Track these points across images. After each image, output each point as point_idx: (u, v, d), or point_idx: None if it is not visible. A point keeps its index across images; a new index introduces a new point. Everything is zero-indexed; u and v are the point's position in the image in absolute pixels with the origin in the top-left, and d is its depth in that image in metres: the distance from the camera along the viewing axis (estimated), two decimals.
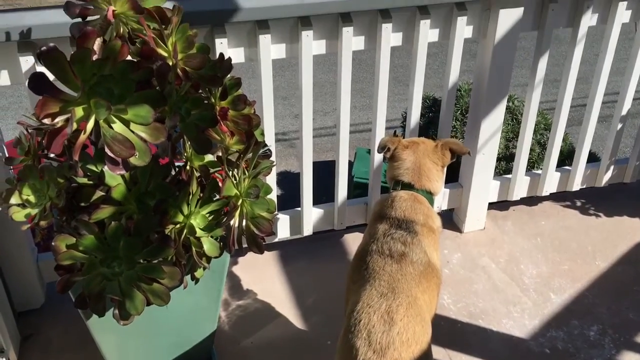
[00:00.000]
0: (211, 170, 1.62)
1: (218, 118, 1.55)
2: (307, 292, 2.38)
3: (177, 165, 1.63)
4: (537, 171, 2.78)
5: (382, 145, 1.97)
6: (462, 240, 2.66)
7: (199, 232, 1.51)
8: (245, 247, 1.63)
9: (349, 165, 2.44)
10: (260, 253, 1.63)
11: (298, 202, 2.45)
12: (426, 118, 5.58)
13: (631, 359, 2.15)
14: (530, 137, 2.60)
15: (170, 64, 1.44)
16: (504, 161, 5.26)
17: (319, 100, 7.63)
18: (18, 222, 1.48)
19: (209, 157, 1.63)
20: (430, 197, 1.90)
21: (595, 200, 2.88)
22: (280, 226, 2.48)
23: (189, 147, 1.59)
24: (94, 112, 1.23)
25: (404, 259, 1.66)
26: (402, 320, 1.50)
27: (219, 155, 1.62)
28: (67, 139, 1.25)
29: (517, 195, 2.74)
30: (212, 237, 1.55)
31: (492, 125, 2.46)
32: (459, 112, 5.40)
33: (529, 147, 2.62)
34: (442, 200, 2.64)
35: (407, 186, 1.89)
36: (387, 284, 1.60)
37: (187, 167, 1.59)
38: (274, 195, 2.24)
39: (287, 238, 2.57)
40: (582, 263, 2.55)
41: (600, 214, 2.82)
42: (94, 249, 1.37)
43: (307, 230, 2.51)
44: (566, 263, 2.55)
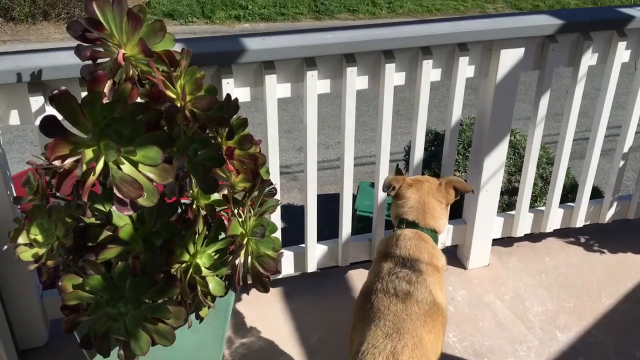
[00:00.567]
0: (217, 208, 1.63)
1: (224, 158, 1.57)
2: (311, 329, 2.36)
3: (184, 203, 1.64)
4: (541, 207, 2.79)
5: (387, 184, 1.99)
6: (466, 276, 2.65)
7: (204, 271, 1.52)
8: (250, 282, 1.64)
9: (352, 198, 2.45)
10: (266, 292, 1.64)
11: (301, 235, 2.45)
12: (429, 152, 5.61)
13: None
14: (533, 174, 2.61)
15: (179, 105, 1.46)
16: (507, 195, 5.26)
17: (321, 134, 7.63)
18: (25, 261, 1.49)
19: (215, 196, 1.64)
20: (435, 235, 1.91)
21: (599, 237, 2.88)
22: (285, 262, 2.48)
23: (195, 186, 1.60)
24: (103, 153, 1.25)
25: (409, 298, 1.66)
26: None
27: (225, 193, 1.63)
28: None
29: (520, 232, 2.74)
30: (218, 276, 1.56)
31: (495, 163, 2.48)
32: (461, 146, 5.43)
33: (532, 184, 2.63)
34: (446, 237, 2.64)
35: (412, 224, 1.90)
36: (392, 324, 1.59)
37: (194, 206, 1.61)
38: (279, 231, 2.25)
39: (291, 274, 2.56)
40: (587, 300, 2.54)
41: (605, 250, 2.82)
42: (100, 289, 1.37)
43: (312, 266, 2.51)
44: (571, 300, 2.54)
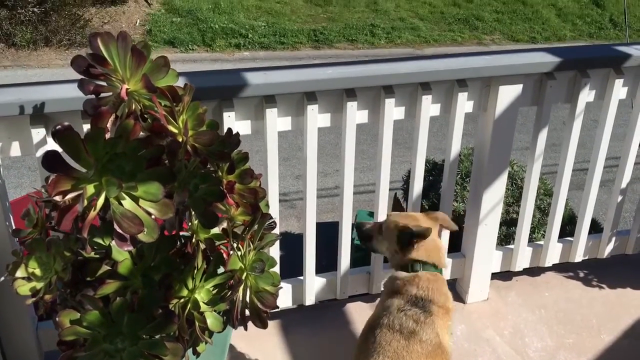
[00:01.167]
0: (217, 242, 1.63)
1: (225, 192, 1.57)
2: None
3: (183, 236, 1.63)
4: (540, 241, 2.78)
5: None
6: (465, 311, 2.64)
7: (202, 307, 1.50)
8: (248, 315, 1.62)
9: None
10: (264, 328, 1.62)
11: (298, 264, 2.43)
12: (426, 182, 5.62)
13: None
14: (532, 209, 2.61)
15: (181, 140, 1.47)
16: (505, 226, 5.26)
17: (320, 162, 7.60)
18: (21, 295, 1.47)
19: (215, 230, 1.64)
20: (441, 272, 1.92)
21: (598, 272, 2.87)
22: (283, 295, 2.46)
23: (194, 219, 1.60)
24: (105, 189, 1.25)
25: (414, 336, 1.65)
26: None
27: (225, 227, 1.63)
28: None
29: (519, 266, 2.73)
30: (216, 312, 1.54)
31: (494, 197, 2.48)
32: (459, 176, 5.45)
33: (530, 218, 2.63)
34: (445, 271, 2.63)
35: (429, 265, 1.89)
36: None
37: (193, 240, 1.60)
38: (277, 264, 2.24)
39: (289, 307, 2.54)
40: (587, 336, 2.52)
41: (604, 285, 2.81)
42: (97, 325, 1.36)
43: (310, 300, 2.49)
44: (571, 336, 2.52)
